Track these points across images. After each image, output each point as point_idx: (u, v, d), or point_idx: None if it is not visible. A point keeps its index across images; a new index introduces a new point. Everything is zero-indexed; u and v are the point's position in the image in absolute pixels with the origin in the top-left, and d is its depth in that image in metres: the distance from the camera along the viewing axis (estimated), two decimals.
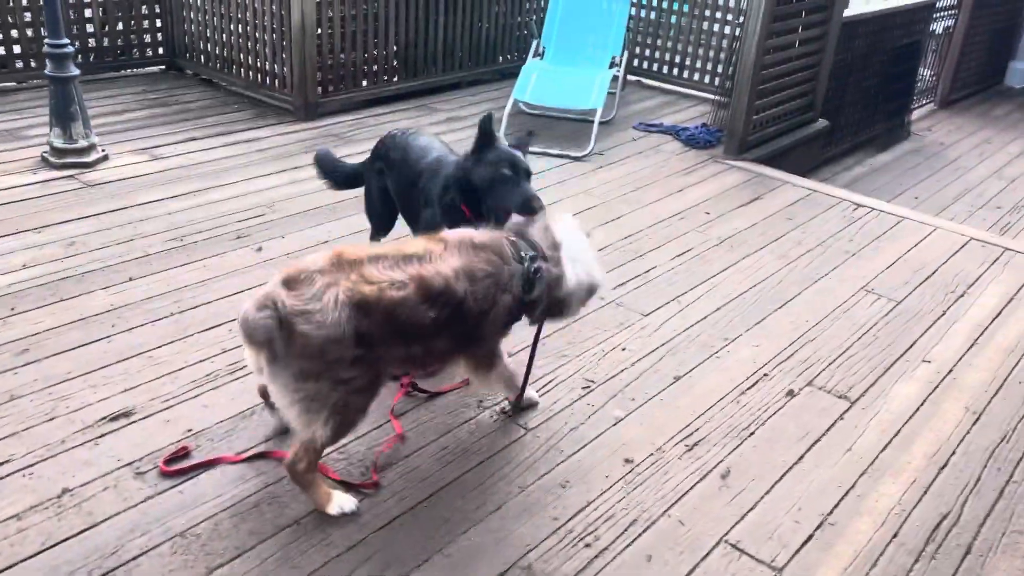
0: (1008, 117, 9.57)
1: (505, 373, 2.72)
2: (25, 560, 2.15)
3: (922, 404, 3.14)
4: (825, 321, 3.67)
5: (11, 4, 5.57)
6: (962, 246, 4.55)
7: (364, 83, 6.09)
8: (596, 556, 2.33)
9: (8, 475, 2.42)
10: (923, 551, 2.45)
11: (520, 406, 2.86)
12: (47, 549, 2.19)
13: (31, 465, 2.47)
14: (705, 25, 6.86)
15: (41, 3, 5.40)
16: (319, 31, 5.59)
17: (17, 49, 5.71)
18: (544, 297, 2.50)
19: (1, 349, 2.97)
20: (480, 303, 2.35)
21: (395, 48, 6.22)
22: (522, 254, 2.45)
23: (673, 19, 7.04)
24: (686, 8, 6.90)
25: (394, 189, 3.32)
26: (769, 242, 4.42)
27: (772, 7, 5.23)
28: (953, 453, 2.89)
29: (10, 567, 2.13)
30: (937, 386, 3.26)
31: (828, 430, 2.95)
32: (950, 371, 3.37)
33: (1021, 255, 4.49)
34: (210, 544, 2.25)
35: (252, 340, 2.12)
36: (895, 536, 2.49)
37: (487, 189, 2.83)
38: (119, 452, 2.55)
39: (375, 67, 6.12)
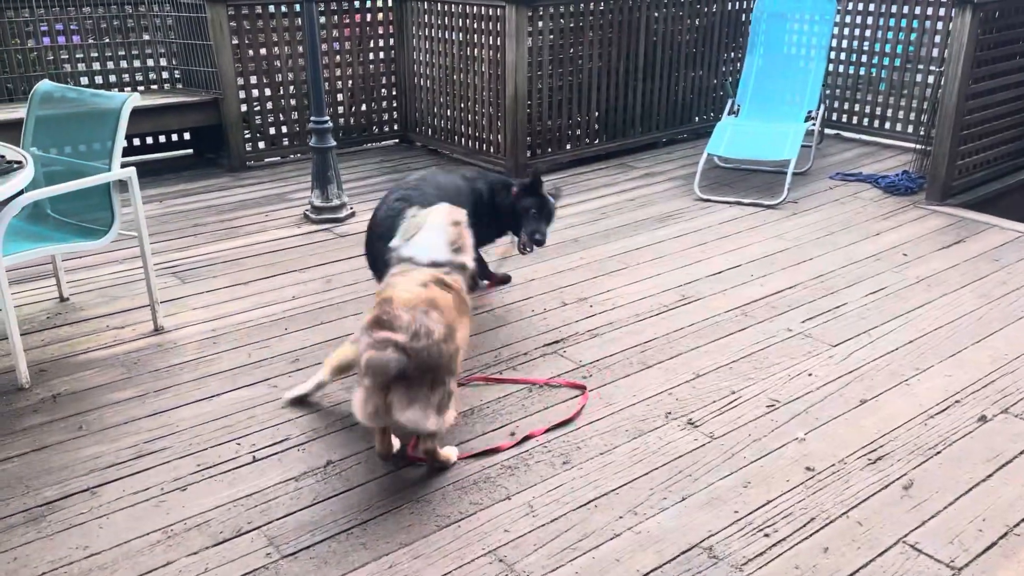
0: None
1: None
2: (301, 510, 2.74)
3: None
4: None
5: (281, 93, 6.77)
6: None
7: (568, 146, 6.69)
8: (774, 545, 2.55)
9: (288, 449, 3.06)
10: None
11: None
12: (318, 503, 2.77)
13: (303, 443, 3.10)
14: (907, 76, 6.85)
15: (305, 91, 6.57)
16: (529, 101, 6.27)
17: (284, 129, 6.90)
18: None
19: (279, 357, 3.71)
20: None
21: (596, 113, 6.78)
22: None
23: (873, 72, 7.09)
24: (886, 61, 6.94)
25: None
26: (970, 282, 4.38)
27: (973, 53, 5.23)
28: None
29: (290, 514, 2.72)
30: None
31: (1021, 453, 2.96)
32: None
33: None
34: (439, 508, 2.73)
35: (385, 374, 2.56)
36: None
37: (522, 216, 3.98)
38: (369, 437, 3.12)
39: (578, 131, 6.71)
